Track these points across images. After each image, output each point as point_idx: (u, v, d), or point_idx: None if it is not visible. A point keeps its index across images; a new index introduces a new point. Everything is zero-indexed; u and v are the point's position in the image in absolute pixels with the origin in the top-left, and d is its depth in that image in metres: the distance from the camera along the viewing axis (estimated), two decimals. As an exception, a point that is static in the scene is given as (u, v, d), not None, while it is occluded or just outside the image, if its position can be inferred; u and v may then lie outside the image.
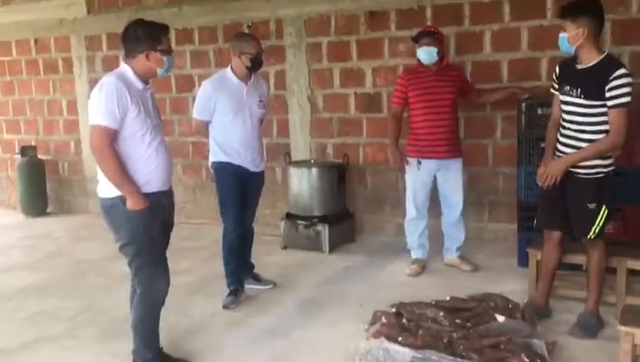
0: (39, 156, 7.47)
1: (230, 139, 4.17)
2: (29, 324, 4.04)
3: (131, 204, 2.91)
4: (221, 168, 4.22)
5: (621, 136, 3.25)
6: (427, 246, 4.83)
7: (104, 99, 2.87)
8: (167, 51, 3.03)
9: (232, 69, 4.17)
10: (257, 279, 4.55)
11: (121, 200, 2.93)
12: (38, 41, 7.45)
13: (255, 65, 4.13)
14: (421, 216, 4.73)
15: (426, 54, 4.41)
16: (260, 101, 4.26)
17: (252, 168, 4.26)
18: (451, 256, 4.79)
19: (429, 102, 4.48)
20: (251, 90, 4.21)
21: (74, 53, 7.22)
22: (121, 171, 2.90)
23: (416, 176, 4.62)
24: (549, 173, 3.42)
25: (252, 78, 4.22)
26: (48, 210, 7.57)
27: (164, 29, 3.07)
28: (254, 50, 4.09)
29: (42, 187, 7.49)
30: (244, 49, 4.08)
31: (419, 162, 4.56)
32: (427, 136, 4.51)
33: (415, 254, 4.83)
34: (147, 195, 2.97)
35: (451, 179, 4.61)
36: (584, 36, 3.22)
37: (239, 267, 4.31)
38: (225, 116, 4.12)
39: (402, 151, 4.68)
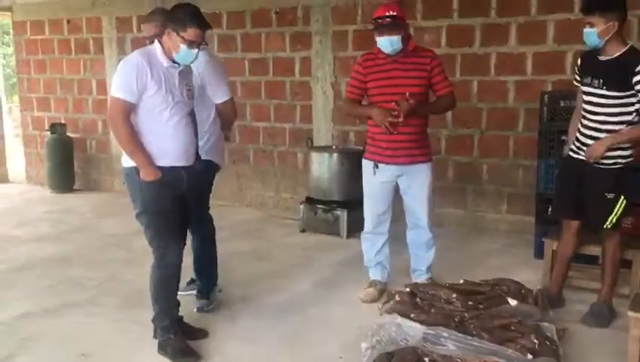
0: (68, 134, 7.65)
1: None
2: (55, 291, 4.19)
3: (143, 175, 3.02)
4: None
5: None
6: (388, 267, 4.10)
7: (124, 74, 3.01)
8: (189, 42, 2.99)
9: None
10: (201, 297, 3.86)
11: (136, 170, 3.04)
12: (71, 21, 7.62)
13: None
14: (380, 231, 3.98)
15: (388, 44, 3.60)
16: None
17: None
18: (420, 278, 3.98)
19: (392, 96, 3.63)
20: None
21: (105, 34, 7.39)
22: (133, 142, 3.00)
23: (373, 181, 3.88)
24: (591, 155, 3.35)
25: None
26: (75, 187, 7.76)
27: (197, 22, 3.00)
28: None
29: (70, 164, 7.67)
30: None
31: (375, 165, 3.82)
32: (388, 137, 3.70)
33: (373, 275, 4.09)
34: (162, 169, 3.05)
35: (415, 188, 3.83)
36: (615, 29, 3.23)
37: None
38: None
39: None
